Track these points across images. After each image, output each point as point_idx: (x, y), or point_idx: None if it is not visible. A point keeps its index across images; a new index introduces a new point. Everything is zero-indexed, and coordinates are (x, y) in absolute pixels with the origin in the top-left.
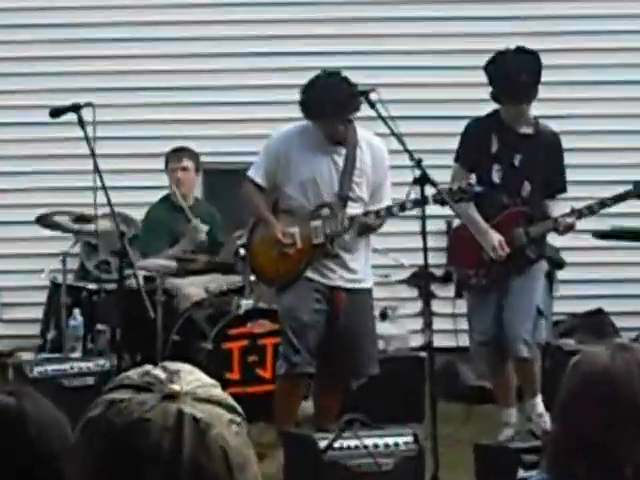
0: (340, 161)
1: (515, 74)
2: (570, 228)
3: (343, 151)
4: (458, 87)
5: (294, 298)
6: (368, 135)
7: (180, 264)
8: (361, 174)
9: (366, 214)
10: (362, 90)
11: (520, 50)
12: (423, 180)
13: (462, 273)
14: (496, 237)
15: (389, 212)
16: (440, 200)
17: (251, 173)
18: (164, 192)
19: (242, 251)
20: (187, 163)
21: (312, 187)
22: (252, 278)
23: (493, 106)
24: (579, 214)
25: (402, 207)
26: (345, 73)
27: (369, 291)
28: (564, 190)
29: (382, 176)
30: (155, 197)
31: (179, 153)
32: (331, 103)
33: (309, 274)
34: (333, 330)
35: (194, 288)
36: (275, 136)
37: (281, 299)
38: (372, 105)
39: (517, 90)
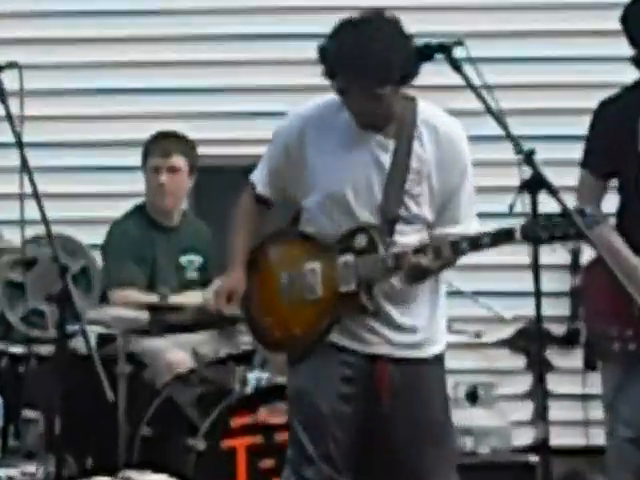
0: (386, 159)
1: None
2: None
3: (391, 143)
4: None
5: (310, 375)
6: (434, 114)
7: (155, 315)
8: (420, 179)
9: (421, 250)
10: (440, 44)
11: None
12: (535, 184)
13: (598, 333)
14: None
15: (457, 250)
16: (533, 237)
17: (253, 177)
18: (136, 201)
19: None
20: (178, 161)
21: (340, 201)
22: None
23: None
24: None
25: (475, 243)
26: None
27: (438, 360)
28: None
29: (457, 182)
30: (120, 210)
31: (166, 144)
32: (360, 63)
33: (334, 338)
34: (374, 425)
35: (177, 353)
36: (287, 118)
37: (290, 376)
38: (457, 67)
39: None
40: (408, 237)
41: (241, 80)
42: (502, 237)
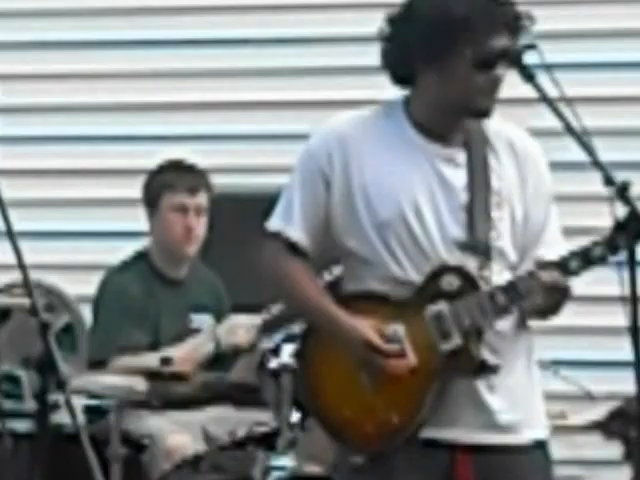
0: (453, 175)
1: None
2: None
3: (460, 155)
4: None
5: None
6: (505, 126)
7: (156, 384)
8: (501, 202)
9: (543, 267)
10: (506, 48)
11: None
12: (632, 226)
13: None
14: None
15: (565, 268)
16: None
17: (277, 224)
18: (135, 242)
19: (277, 361)
20: (203, 199)
21: (403, 232)
22: (294, 417)
23: None
24: None
25: (586, 258)
26: None
27: (542, 447)
28: None
29: (543, 211)
30: (116, 253)
31: (192, 178)
32: (480, 12)
33: (425, 430)
34: None
35: (179, 436)
36: (318, 137)
37: (353, 476)
38: (529, 76)
39: None
40: (499, 277)
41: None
42: (615, 239)
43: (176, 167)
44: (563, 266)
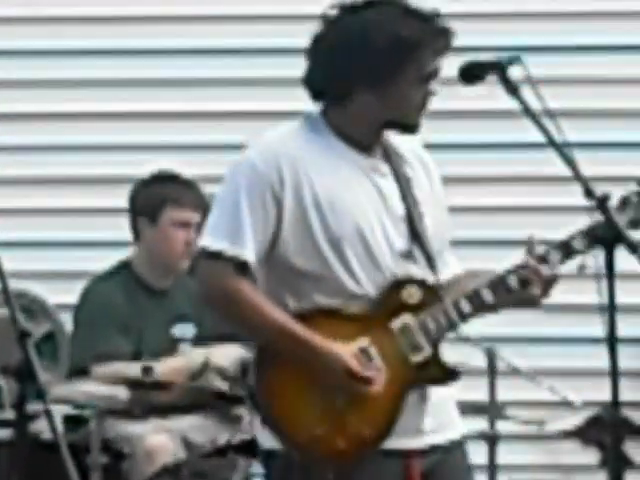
0: (386, 186)
1: None
2: None
3: (385, 168)
4: None
5: None
6: (407, 139)
7: (137, 392)
8: (424, 210)
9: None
10: (491, 61)
11: None
12: (610, 238)
13: None
14: None
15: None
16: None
17: (223, 244)
18: (117, 251)
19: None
20: (202, 217)
21: (359, 247)
22: None
23: None
24: None
25: (566, 249)
26: None
27: (461, 445)
28: None
29: (446, 218)
30: (98, 261)
31: (195, 193)
32: (399, 38)
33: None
34: None
35: (160, 437)
36: (263, 154)
37: None
38: (514, 89)
39: None
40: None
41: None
42: (597, 231)
43: (180, 182)
44: (545, 258)
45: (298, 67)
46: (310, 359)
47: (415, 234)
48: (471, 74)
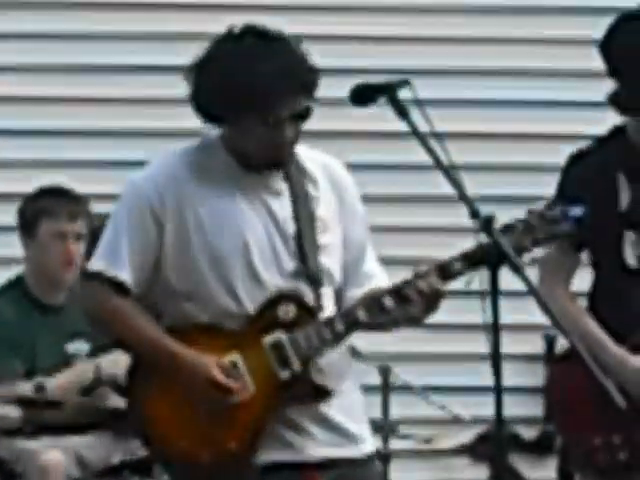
0: (280, 207)
1: None
2: None
3: (283, 187)
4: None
5: None
6: (321, 156)
7: (29, 412)
8: (326, 227)
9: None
10: (382, 84)
11: None
12: (495, 257)
13: (575, 441)
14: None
15: (370, 311)
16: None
17: (100, 265)
18: (10, 273)
19: None
20: (82, 226)
21: (242, 266)
22: None
23: (610, 121)
24: None
25: (445, 272)
26: None
27: (373, 460)
28: None
29: (363, 229)
30: None
31: (71, 205)
32: (269, 81)
33: (270, 453)
34: None
35: (57, 455)
36: (147, 177)
37: None
38: (403, 112)
39: None
40: (329, 302)
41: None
42: (478, 255)
43: (54, 193)
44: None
45: None
46: (177, 370)
47: (302, 253)
48: (362, 96)
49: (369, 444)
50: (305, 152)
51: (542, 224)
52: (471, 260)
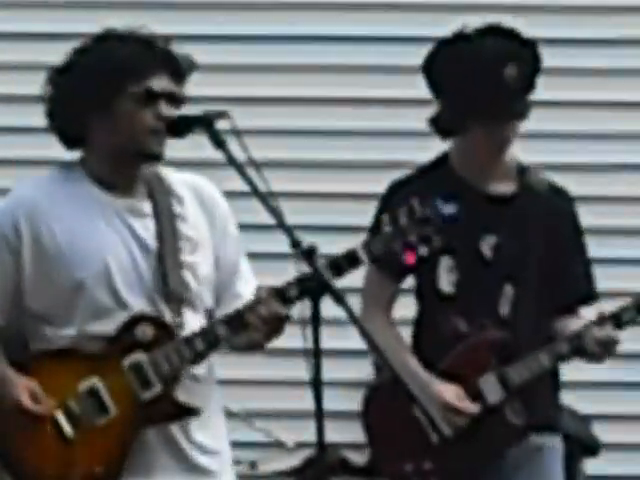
0: (142, 226)
1: (494, 65)
2: (608, 346)
3: (146, 206)
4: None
5: None
6: (191, 177)
7: None
8: (194, 246)
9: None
10: (199, 115)
11: (495, 30)
12: (316, 288)
13: (389, 467)
14: (448, 390)
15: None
16: (384, 251)
17: None
18: None
19: None
20: None
21: (104, 288)
22: None
23: (435, 149)
24: (616, 320)
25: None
26: None
27: None
28: (591, 297)
29: (235, 247)
30: None
31: None
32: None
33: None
34: None
35: None
36: (4, 209)
37: None
38: (219, 142)
39: (500, 94)
40: (194, 321)
41: None
42: (344, 263)
43: None
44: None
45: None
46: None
47: (163, 271)
48: (179, 127)
49: (224, 477)
50: (172, 174)
51: (412, 225)
52: (302, 286)
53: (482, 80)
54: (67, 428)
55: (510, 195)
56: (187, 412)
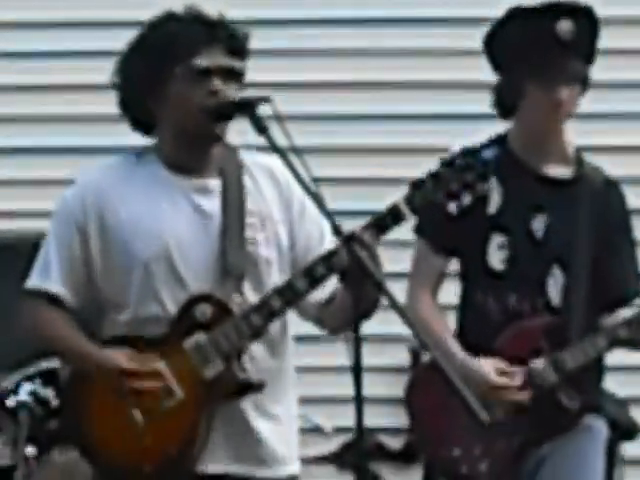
0: (210, 205)
1: (547, 19)
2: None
3: (215, 184)
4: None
5: None
6: (265, 158)
7: None
8: (263, 222)
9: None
10: (244, 100)
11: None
12: (354, 274)
13: (436, 453)
14: (488, 366)
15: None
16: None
17: (35, 282)
18: None
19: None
20: None
21: (164, 268)
22: (29, 452)
23: (492, 129)
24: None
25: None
26: None
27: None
28: (636, 297)
29: (317, 223)
30: None
31: None
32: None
33: (216, 466)
34: None
35: None
36: (73, 189)
37: None
38: (261, 127)
39: (554, 48)
40: (256, 298)
41: None
42: (388, 219)
43: None
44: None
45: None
46: (89, 369)
47: (224, 248)
48: (220, 113)
49: (289, 467)
50: (251, 154)
51: (453, 173)
52: (331, 263)
53: (535, 34)
54: (138, 416)
55: (566, 180)
56: (249, 387)
